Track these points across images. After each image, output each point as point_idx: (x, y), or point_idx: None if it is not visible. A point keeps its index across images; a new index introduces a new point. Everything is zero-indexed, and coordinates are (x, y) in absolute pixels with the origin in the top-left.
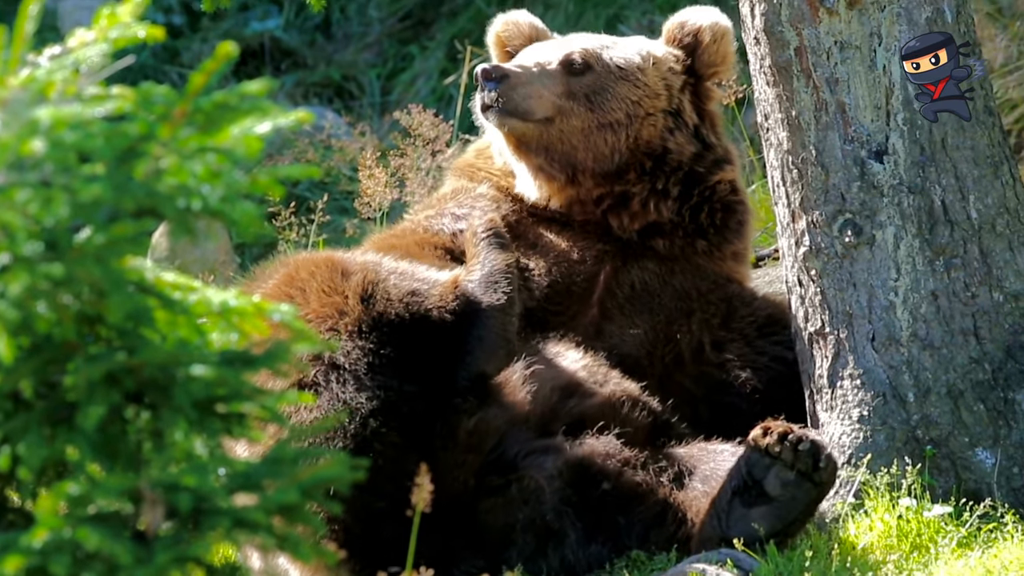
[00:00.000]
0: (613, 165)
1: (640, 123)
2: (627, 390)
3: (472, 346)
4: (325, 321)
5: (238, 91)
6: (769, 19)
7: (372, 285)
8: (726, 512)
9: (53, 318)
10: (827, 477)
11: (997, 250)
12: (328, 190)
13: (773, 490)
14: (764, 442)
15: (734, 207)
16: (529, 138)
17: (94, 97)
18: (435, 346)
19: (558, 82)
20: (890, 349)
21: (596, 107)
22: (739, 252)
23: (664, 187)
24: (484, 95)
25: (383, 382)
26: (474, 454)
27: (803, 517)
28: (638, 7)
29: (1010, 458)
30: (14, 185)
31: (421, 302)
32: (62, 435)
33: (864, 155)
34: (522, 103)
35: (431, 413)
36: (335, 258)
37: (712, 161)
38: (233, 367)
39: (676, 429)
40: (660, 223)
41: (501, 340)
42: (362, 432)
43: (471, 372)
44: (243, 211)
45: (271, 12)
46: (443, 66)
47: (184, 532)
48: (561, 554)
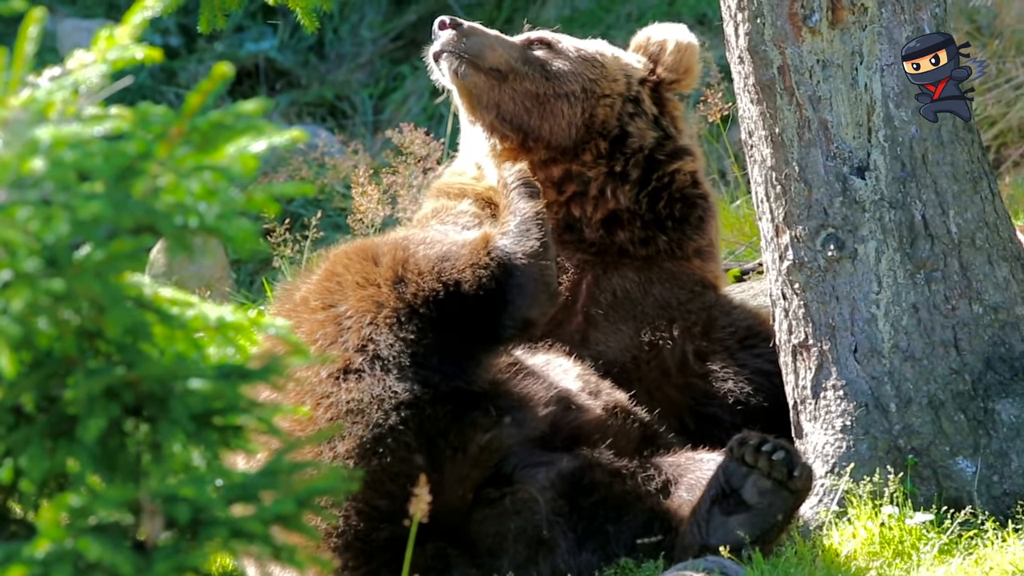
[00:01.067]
0: (569, 140)
1: (596, 101)
2: (619, 401)
3: (513, 295)
4: (364, 316)
5: (234, 111)
6: (753, 38)
7: (402, 264)
8: (706, 520)
9: (54, 333)
10: (802, 485)
11: (977, 263)
12: (322, 207)
13: (751, 498)
14: (740, 452)
15: (695, 200)
16: (480, 90)
17: (93, 117)
18: (475, 305)
19: (515, 49)
20: (872, 361)
21: (552, 77)
22: (703, 249)
23: (623, 170)
24: (437, 44)
25: (425, 376)
26: (479, 470)
27: (781, 524)
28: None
29: (990, 467)
30: (15, 203)
31: (453, 265)
32: (63, 448)
33: (846, 171)
34: (474, 48)
35: (451, 421)
36: (366, 246)
37: (672, 150)
38: (230, 380)
39: (663, 439)
40: (619, 212)
41: (541, 285)
42: (381, 425)
43: (515, 320)
44: (239, 228)
45: (266, 33)
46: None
47: (183, 542)
48: (552, 563)
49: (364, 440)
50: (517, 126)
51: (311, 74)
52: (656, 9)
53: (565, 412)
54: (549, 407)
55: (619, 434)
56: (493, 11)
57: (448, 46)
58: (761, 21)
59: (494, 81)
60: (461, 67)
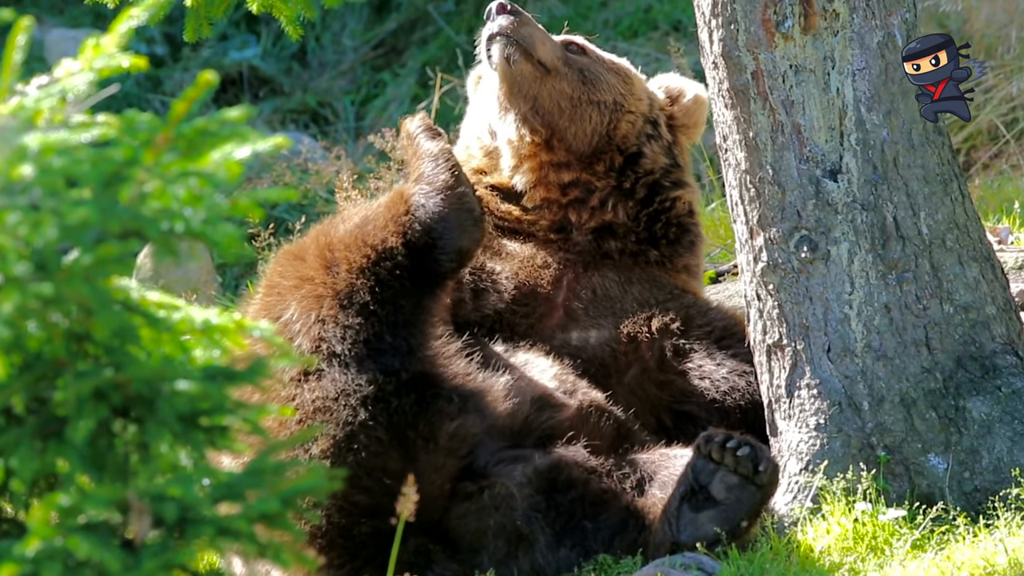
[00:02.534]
0: (588, 146)
1: (621, 115)
2: (594, 400)
3: (440, 230)
4: (309, 316)
5: (218, 118)
6: (727, 44)
7: (327, 248)
8: (676, 517)
9: (43, 336)
10: (768, 479)
11: (947, 264)
12: (305, 212)
13: (719, 494)
14: (707, 449)
15: (688, 227)
16: (523, 79)
17: (80, 124)
18: (407, 254)
19: (559, 48)
20: (845, 360)
21: (588, 83)
22: (691, 266)
23: (631, 188)
24: (493, 24)
25: (384, 364)
26: (453, 458)
27: (750, 519)
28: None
29: (961, 463)
30: (4, 208)
31: (374, 225)
32: (53, 448)
33: (819, 174)
34: (528, 38)
35: (419, 411)
36: (292, 248)
37: (677, 179)
38: (216, 382)
39: (638, 436)
40: (614, 226)
41: (464, 212)
42: (351, 422)
43: (449, 253)
44: (224, 233)
45: (249, 42)
46: (415, 92)
47: (170, 540)
48: (531, 558)
49: (337, 439)
50: (548, 122)
51: (294, 81)
52: (632, 16)
53: (539, 411)
54: (511, 399)
55: (594, 432)
56: (472, 19)
57: (506, 30)
58: (735, 27)
59: (538, 74)
60: (514, 54)
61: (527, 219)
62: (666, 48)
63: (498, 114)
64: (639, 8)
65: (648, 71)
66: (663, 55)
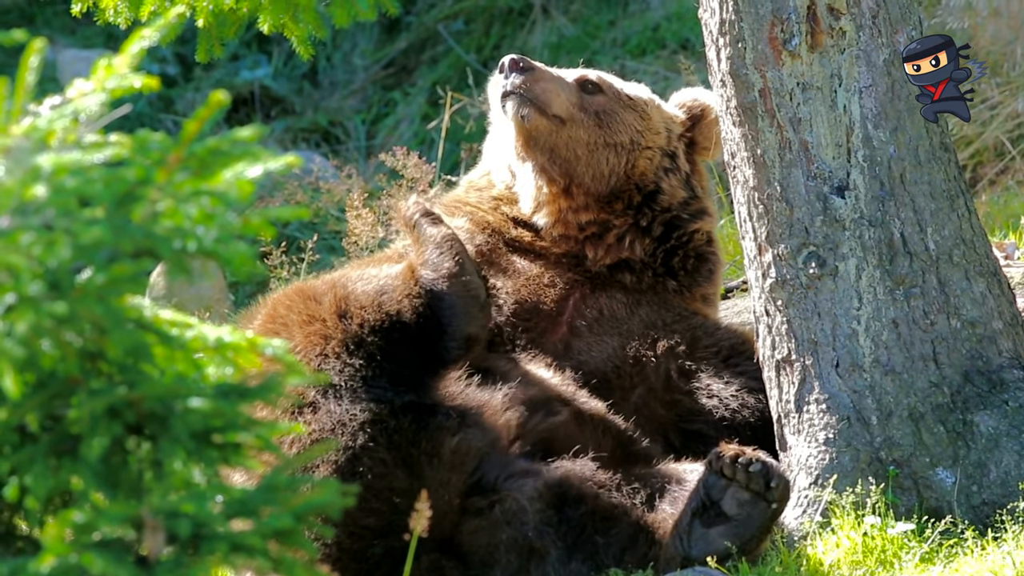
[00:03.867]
0: (607, 187)
1: (640, 152)
2: (593, 408)
3: (447, 317)
4: (313, 349)
5: (230, 137)
6: (734, 62)
7: (343, 300)
8: (687, 532)
9: (57, 355)
10: (779, 495)
11: (954, 279)
12: (317, 230)
13: (730, 510)
14: (719, 465)
15: (707, 256)
16: (539, 133)
17: (93, 144)
18: (417, 331)
19: (574, 93)
20: (853, 375)
21: (604, 126)
22: (708, 295)
23: (648, 225)
24: (507, 82)
25: (377, 394)
26: (457, 474)
27: (760, 535)
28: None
29: (969, 477)
30: (18, 229)
31: (391, 296)
32: (67, 466)
33: (826, 191)
34: (542, 95)
35: (418, 429)
36: (305, 288)
37: (696, 210)
38: (229, 399)
39: (639, 446)
40: (631, 262)
41: (469, 300)
42: (352, 446)
43: (457, 340)
44: (236, 251)
45: (261, 61)
46: (425, 111)
47: (184, 556)
48: (543, 572)
49: (339, 464)
50: (566, 171)
51: (305, 101)
52: (640, 35)
53: (533, 415)
54: (509, 411)
55: (592, 440)
56: (482, 38)
57: (518, 89)
58: (742, 45)
59: (554, 127)
60: (529, 113)
61: (541, 244)
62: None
63: (516, 160)
64: (647, 27)
65: (657, 89)
66: (672, 73)
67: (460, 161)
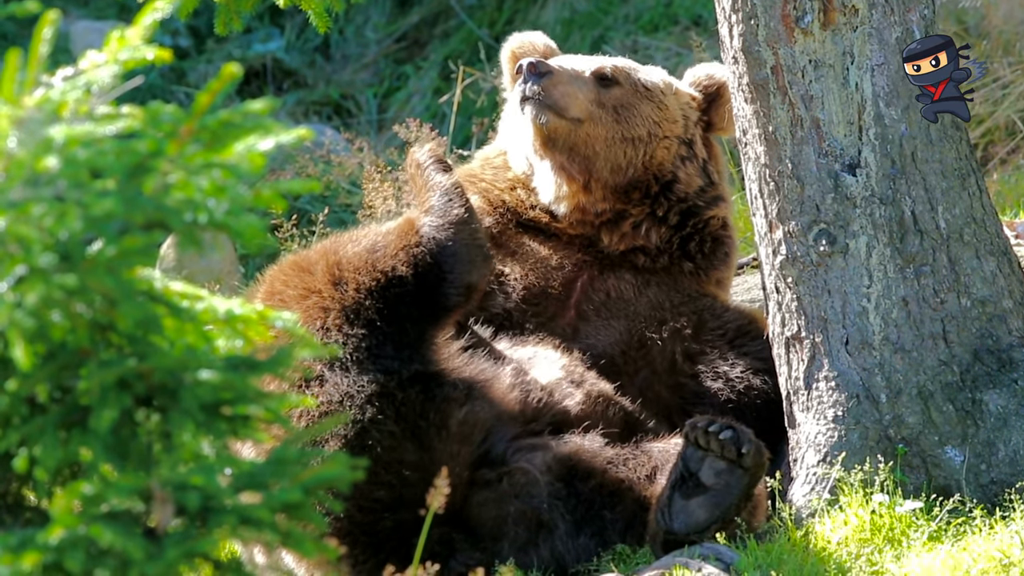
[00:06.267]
0: (625, 179)
1: (657, 143)
2: (602, 390)
3: (450, 265)
4: (314, 323)
5: (242, 110)
6: (747, 39)
7: (336, 267)
8: (667, 506)
9: (67, 326)
10: (753, 462)
11: (964, 258)
12: (328, 203)
13: (708, 480)
14: (694, 436)
15: (723, 240)
16: (558, 135)
17: (105, 116)
18: (416, 284)
19: (591, 89)
20: (863, 352)
21: (622, 120)
22: (723, 279)
23: (664, 215)
24: (525, 87)
25: (384, 365)
26: (466, 446)
27: (739, 503)
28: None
29: (977, 455)
30: (30, 200)
31: (384, 252)
32: (76, 437)
33: (838, 168)
34: (560, 99)
35: (425, 401)
36: (299, 260)
37: (712, 197)
38: (238, 372)
39: (645, 426)
40: (647, 249)
41: (474, 248)
42: (360, 419)
43: (457, 288)
44: (247, 224)
45: (273, 34)
46: (436, 85)
47: (192, 529)
48: (551, 545)
49: (349, 438)
50: (584, 168)
51: (317, 74)
52: (653, 11)
53: (547, 397)
54: (518, 387)
55: (602, 420)
56: (494, 12)
57: (536, 96)
58: (755, 22)
59: (571, 127)
60: (546, 118)
61: (556, 225)
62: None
63: (534, 156)
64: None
65: (669, 65)
66: (684, 49)
67: (471, 135)
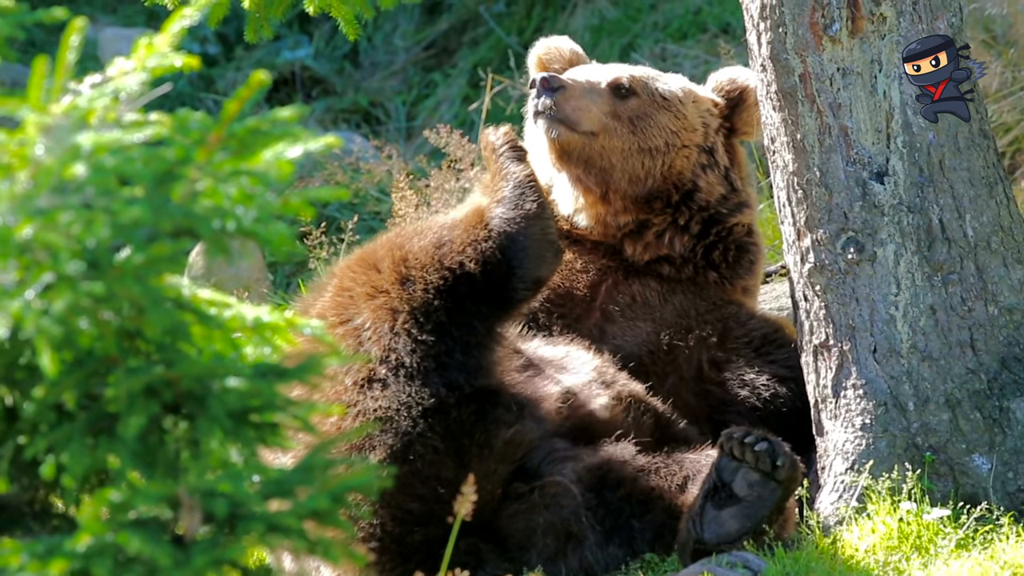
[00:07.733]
0: (644, 190)
1: (676, 153)
2: (633, 391)
3: (520, 259)
4: (383, 325)
5: (270, 117)
6: (775, 47)
7: (403, 263)
8: (699, 516)
9: (95, 333)
10: (787, 475)
11: (992, 266)
12: (357, 210)
13: (741, 491)
14: (729, 446)
15: (748, 247)
16: (572, 148)
17: (133, 123)
18: (484, 279)
19: (605, 101)
20: (891, 360)
21: (638, 131)
22: (749, 287)
23: (686, 223)
24: (538, 102)
25: (450, 379)
26: (506, 464)
27: (772, 515)
28: (650, 36)
29: (1005, 463)
30: (57, 208)
31: (451, 248)
32: (104, 444)
33: (866, 176)
34: (572, 114)
35: (476, 421)
36: (366, 255)
37: (735, 204)
38: (266, 379)
39: (677, 427)
40: (671, 258)
41: (545, 244)
42: (410, 432)
43: (526, 282)
44: (276, 231)
45: (302, 42)
46: (465, 92)
47: (220, 536)
48: (580, 555)
49: (394, 448)
50: (601, 180)
51: (346, 81)
52: (682, 19)
53: (576, 400)
54: (559, 400)
55: (633, 423)
56: (523, 20)
57: (548, 110)
58: (783, 30)
59: (586, 140)
60: (559, 132)
61: (579, 232)
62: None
63: (552, 169)
64: (688, 11)
65: (697, 73)
66: (713, 57)
67: None
